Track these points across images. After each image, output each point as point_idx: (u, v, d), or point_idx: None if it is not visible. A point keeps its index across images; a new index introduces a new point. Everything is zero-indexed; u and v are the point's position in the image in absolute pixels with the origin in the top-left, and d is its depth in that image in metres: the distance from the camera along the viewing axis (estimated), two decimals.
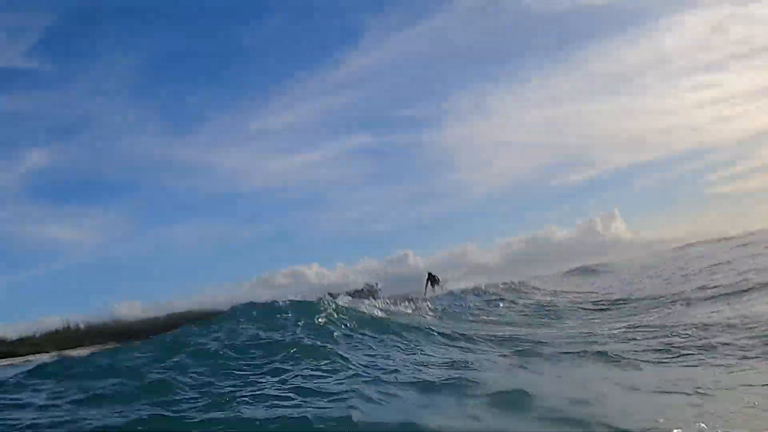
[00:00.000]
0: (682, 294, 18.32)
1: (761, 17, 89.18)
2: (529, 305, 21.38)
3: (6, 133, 72.14)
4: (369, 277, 43.43)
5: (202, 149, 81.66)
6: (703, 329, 10.80)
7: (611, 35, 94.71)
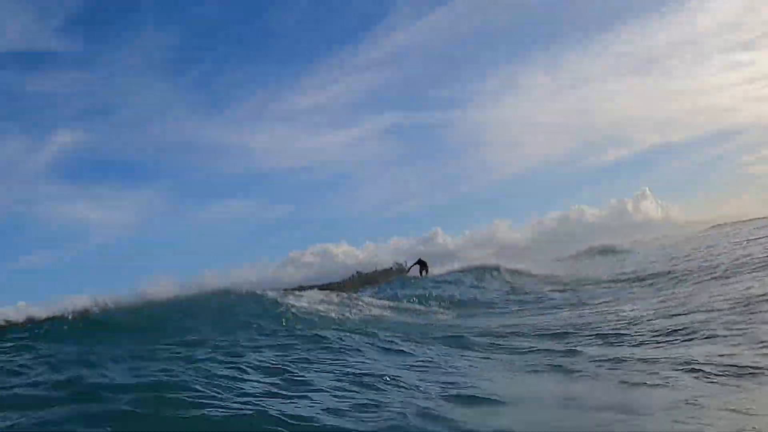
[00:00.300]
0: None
1: None
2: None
3: (35, 114, 73.92)
4: (398, 256, 43.96)
5: (232, 129, 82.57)
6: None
7: (642, 15, 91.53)
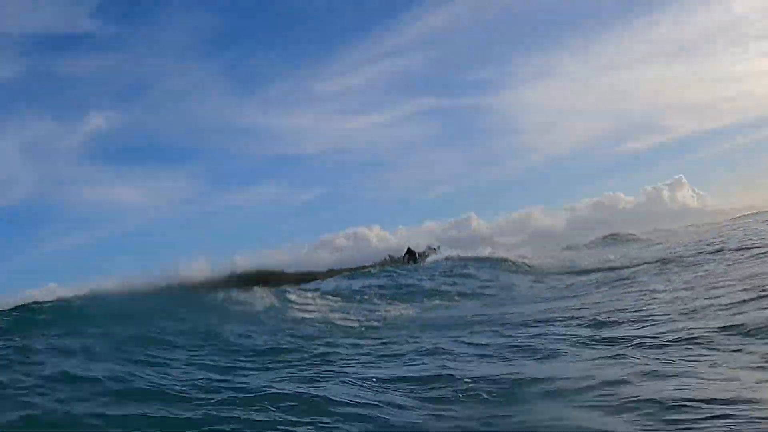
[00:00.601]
0: None
1: None
2: None
3: (70, 96, 74.35)
4: (430, 240, 43.87)
5: (265, 111, 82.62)
6: None
7: (679, 0, 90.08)
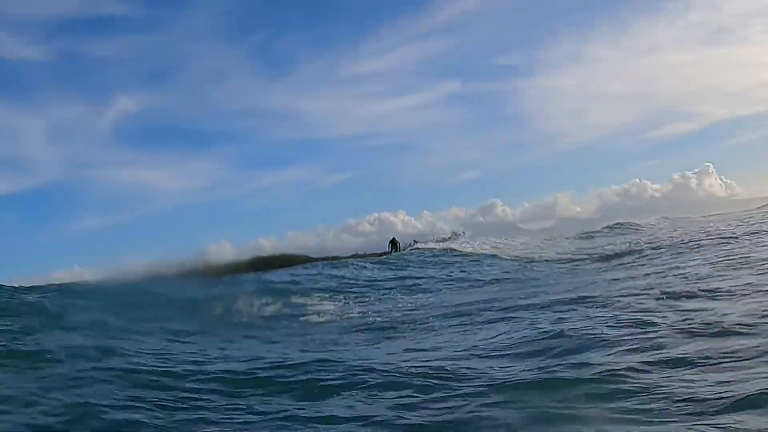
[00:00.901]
0: None
1: None
2: None
3: (98, 79, 75.89)
4: (456, 226, 44.55)
5: (293, 95, 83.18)
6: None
7: None
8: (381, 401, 6.27)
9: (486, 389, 6.16)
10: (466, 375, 6.80)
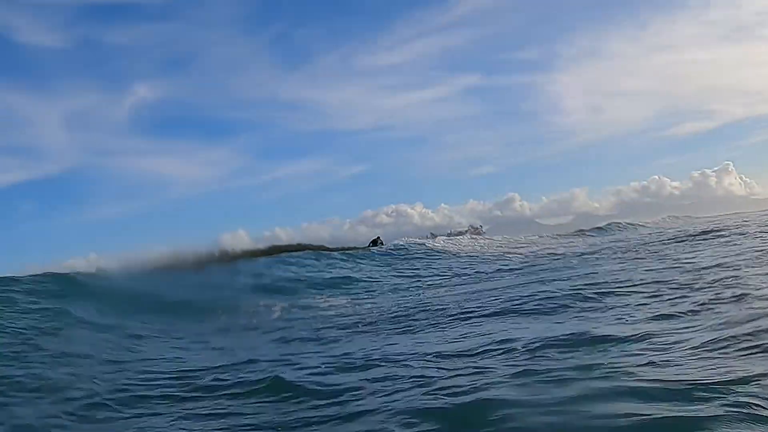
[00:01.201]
0: None
1: None
2: None
3: (114, 67, 76.85)
4: (473, 220, 44.58)
5: (309, 86, 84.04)
6: None
7: None
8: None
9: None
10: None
